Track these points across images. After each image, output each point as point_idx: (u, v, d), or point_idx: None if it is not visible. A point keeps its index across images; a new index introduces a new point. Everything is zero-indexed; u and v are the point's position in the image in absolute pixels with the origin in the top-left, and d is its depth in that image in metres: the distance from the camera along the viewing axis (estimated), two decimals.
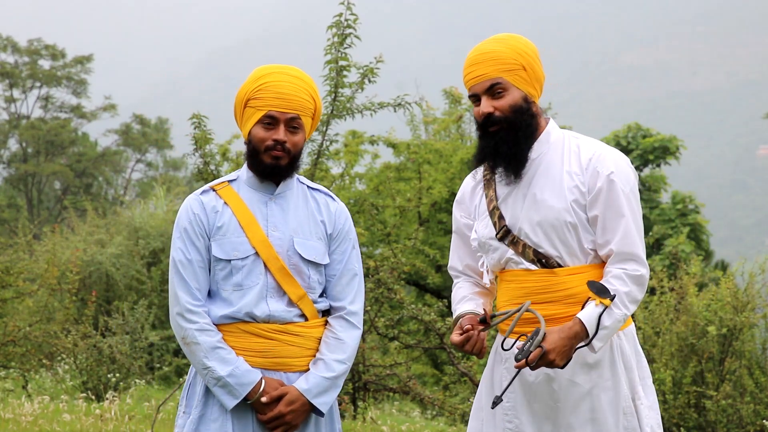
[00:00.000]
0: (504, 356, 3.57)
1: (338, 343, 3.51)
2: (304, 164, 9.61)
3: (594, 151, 3.50)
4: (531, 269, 3.48)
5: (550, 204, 3.46)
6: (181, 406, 3.53)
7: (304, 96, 3.49)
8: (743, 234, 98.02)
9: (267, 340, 3.44)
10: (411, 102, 9.09)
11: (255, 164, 3.50)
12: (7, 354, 10.71)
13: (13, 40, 43.08)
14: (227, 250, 3.45)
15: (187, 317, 3.41)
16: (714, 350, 9.19)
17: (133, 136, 44.30)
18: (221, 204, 3.50)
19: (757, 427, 9.01)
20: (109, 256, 15.68)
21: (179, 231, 3.49)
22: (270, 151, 3.47)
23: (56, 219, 36.46)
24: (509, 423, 3.51)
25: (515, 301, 3.51)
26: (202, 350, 3.39)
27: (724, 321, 9.15)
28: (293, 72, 3.53)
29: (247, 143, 3.51)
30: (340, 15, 8.63)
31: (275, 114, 3.46)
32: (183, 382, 7.35)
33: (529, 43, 3.56)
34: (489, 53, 3.50)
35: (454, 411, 9.99)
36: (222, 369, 3.37)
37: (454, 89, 17.69)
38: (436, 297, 15.39)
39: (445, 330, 9.75)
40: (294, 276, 3.47)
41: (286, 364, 3.46)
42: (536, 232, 3.47)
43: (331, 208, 3.61)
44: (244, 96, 3.51)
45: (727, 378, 9.18)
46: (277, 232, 3.49)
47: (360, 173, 16.03)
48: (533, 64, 3.52)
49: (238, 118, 3.56)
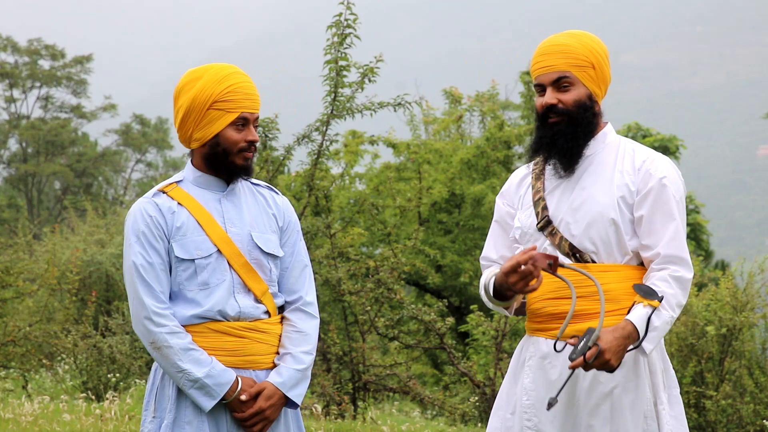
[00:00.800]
0: (530, 355, 3.55)
1: (301, 336, 3.53)
2: (304, 164, 9.61)
3: (649, 155, 3.52)
4: (565, 263, 3.48)
5: (596, 198, 3.46)
6: (148, 411, 3.48)
7: (258, 95, 3.54)
8: (743, 234, 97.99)
9: (237, 338, 3.44)
10: (411, 102, 9.09)
11: (224, 165, 3.49)
12: (7, 354, 10.71)
13: (13, 40, 43.10)
14: (189, 249, 3.44)
15: (156, 321, 3.38)
16: (714, 350, 9.19)
17: (133, 136, 44.32)
18: (175, 204, 3.48)
19: (757, 427, 9.01)
20: (109, 256, 15.67)
21: (135, 235, 3.44)
22: (243, 152, 3.48)
23: (56, 219, 36.46)
24: (528, 421, 3.50)
25: (547, 296, 3.51)
26: (175, 353, 3.36)
27: (724, 321, 9.15)
28: (243, 71, 3.55)
29: (212, 145, 3.47)
30: (339, 15, 8.63)
31: (247, 115, 3.48)
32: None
33: (601, 43, 3.56)
34: (560, 45, 3.50)
35: (454, 411, 9.98)
36: (198, 370, 3.36)
37: (454, 89, 17.70)
38: (436, 297, 15.39)
39: (446, 330, 9.75)
40: (257, 271, 3.49)
41: (255, 362, 3.47)
42: (576, 226, 3.47)
43: (278, 202, 3.64)
44: (207, 98, 3.46)
45: (726, 378, 9.18)
46: (234, 228, 3.49)
47: (360, 173, 16.05)
48: (602, 64, 3.52)
49: (193, 121, 3.48)
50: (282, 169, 9.96)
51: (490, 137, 15.74)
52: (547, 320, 3.51)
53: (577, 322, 3.43)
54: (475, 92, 17.41)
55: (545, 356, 3.50)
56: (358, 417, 9.26)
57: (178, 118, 3.52)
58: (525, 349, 3.59)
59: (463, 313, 14.66)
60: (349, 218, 13.43)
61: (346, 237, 9.82)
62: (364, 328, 9.71)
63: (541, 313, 3.53)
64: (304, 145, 9.28)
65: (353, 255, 9.61)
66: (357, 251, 10.10)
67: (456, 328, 12.75)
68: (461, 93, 17.59)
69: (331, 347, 9.55)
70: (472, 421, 10.53)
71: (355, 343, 9.62)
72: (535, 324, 3.56)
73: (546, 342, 3.50)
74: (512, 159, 16.21)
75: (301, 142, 9.20)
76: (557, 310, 3.48)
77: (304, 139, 9.18)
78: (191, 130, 3.50)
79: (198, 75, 3.50)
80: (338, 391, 9.35)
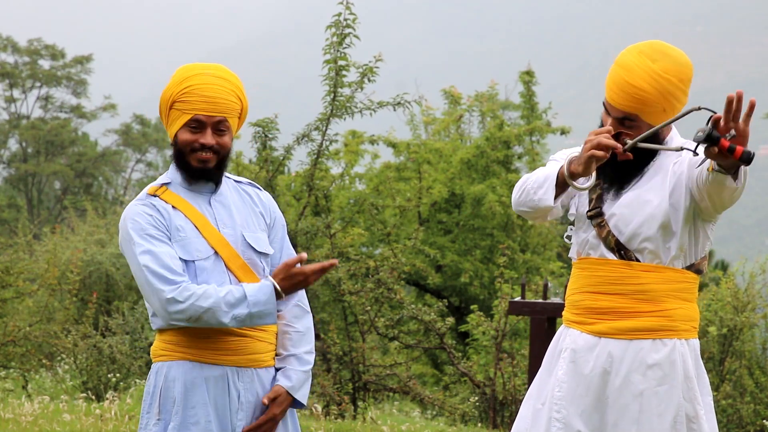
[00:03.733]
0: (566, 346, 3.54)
1: (300, 336, 3.54)
2: (304, 164, 9.60)
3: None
4: (608, 258, 3.49)
5: (649, 200, 3.46)
6: (151, 414, 3.46)
7: (230, 98, 3.46)
8: (743, 234, 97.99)
9: (241, 337, 3.44)
10: (410, 101, 9.09)
11: (182, 166, 3.48)
12: (7, 354, 10.71)
13: (13, 40, 43.08)
14: (190, 250, 3.42)
15: (178, 299, 3.32)
16: (714, 350, 9.19)
17: (133, 136, 44.29)
18: (170, 207, 3.46)
19: (757, 427, 9.00)
20: (109, 256, 15.67)
21: (137, 233, 3.39)
22: (196, 154, 3.44)
23: (56, 219, 36.46)
24: (557, 413, 3.51)
25: (586, 290, 3.52)
26: (217, 308, 3.32)
27: (725, 321, 9.15)
28: (218, 73, 3.49)
29: (173, 145, 3.48)
30: (339, 15, 8.63)
31: (201, 118, 3.43)
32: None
33: (683, 71, 3.42)
34: (636, 90, 3.40)
35: (454, 411, 9.98)
36: (242, 308, 3.32)
37: (453, 89, 17.69)
38: (436, 297, 15.39)
39: (446, 330, 9.74)
40: (253, 271, 3.48)
41: (257, 360, 3.47)
42: (626, 224, 3.48)
43: (263, 199, 3.62)
44: (169, 98, 3.45)
45: (727, 378, 9.18)
46: (227, 229, 3.48)
47: (360, 173, 16.04)
48: (675, 102, 3.43)
49: (164, 119, 3.51)
50: (282, 169, 9.96)
51: (490, 137, 15.74)
52: (584, 313, 3.52)
53: (616, 319, 3.46)
54: (474, 92, 17.40)
55: (579, 350, 3.50)
56: (358, 417, 9.26)
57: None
58: (562, 340, 3.58)
59: (463, 313, 14.65)
60: (349, 218, 13.43)
61: (346, 237, 9.82)
62: (364, 328, 9.70)
63: (579, 306, 3.54)
64: (303, 145, 9.28)
65: (353, 255, 9.61)
66: (357, 251, 10.10)
67: (456, 328, 12.74)
68: (460, 93, 17.58)
69: (331, 347, 9.55)
70: (472, 421, 10.53)
71: (355, 343, 9.62)
72: (573, 316, 3.57)
73: (581, 335, 3.51)
74: (512, 159, 16.21)
75: (301, 141, 9.20)
76: (595, 305, 3.49)
77: (303, 138, 9.18)
78: (166, 128, 3.53)
79: (174, 73, 3.50)
80: (338, 391, 9.34)
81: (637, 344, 3.44)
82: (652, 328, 3.45)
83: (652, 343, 3.44)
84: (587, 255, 3.54)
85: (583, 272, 3.54)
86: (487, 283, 15.14)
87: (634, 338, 3.44)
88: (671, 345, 3.45)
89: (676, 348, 3.46)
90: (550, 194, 3.43)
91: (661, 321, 3.45)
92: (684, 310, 3.49)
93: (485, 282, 15.17)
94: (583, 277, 3.54)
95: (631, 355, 3.43)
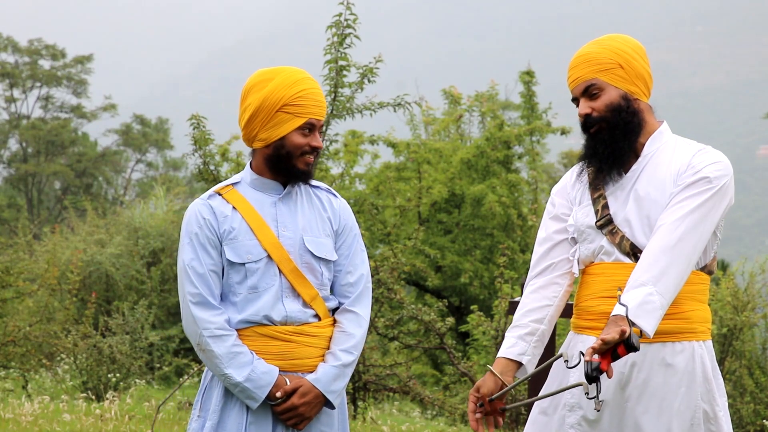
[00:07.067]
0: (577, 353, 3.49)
1: (344, 336, 3.58)
2: None
3: (699, 149, 3.49)
4: (623, 262, 3.43)
5: (653, 198, 3.42)
6: (195, 410, 3.55)
7: (325, 102, 3.61)
8: (743, 234, 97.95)
9: (284, 342, 3.48)
10: (411, 102, 9.09)
11: (286, 168, 3.52)
12: (7, 354, 10.72)
13: (13, 40, 43.09)
14: (240, 253, 3.48)
15: (199, 323, 3.44)
16: (714, 350, 9.20)
17: (133, 136, 44.29)
18: (230, 208, 3.52)
19: (757, 427, 9.01)
20: (109, 256, 15.66)
21: (189, 236, 3.50)
22: (305, 156, 3.52)
23: (56, 219, 36.46)
24: (571, 417, 3.48)
25: (600, 294, 3.46)
26: (216, 356, 3.42)
27: (725, 321, 9.16)
28: (312, 78, 3.59)
29: (276, 147, 3.51)
30: (339, 15, 8.63)
31: (314, 121, 3.52)
32: (183, 382, 7.35)
33: (630, 40, 3.52)
34: (584, 56, 3.49)
35: (454, 411, 9.98)
36: (238, 375, 3.41)
37: (453, 89, 17.68)
38: (436, 297, 15.39)
39: (445, 330, 9.74)
40: (307, 276, 3.51)
41: (302, 365, 3.50)
42: (638, 226, 3.43)
43: (334, 205, 3.66)
44: (278, 101, 3.49)
45: (727, 378, 9.18)
46: (287, 231, 3.52)
47: (360, 173, 16.03)
48: (632, 61, 3.47)
49: (260, 122, 3.52)
50: None
51: (490, 137, 15.73)
52: (599, 318, 3.44)
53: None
54: (474, 92, 17.39)
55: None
56: (358, 417, 9.26)
57: (244, 117, 3.54)
58: (572, 347, 3.52)
59: (463, 313, 14.65)
60: None
61: None
62: None
63: (594, 312, 3.47)
64: None
65: None
66: None
67: (456, 328, 12.75)
68: (460, 93, 17.57)
69: None
70: None
71: None
72: (584, 322, 3.51)
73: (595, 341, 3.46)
74: (512, 159, 16.20)
75: None
76: (611, 309, 3.37)
77: None
78: (257, 130, 3.53)
79: (269, 76, 3.53)
80: None
81: (656, 348, 3.39)
82: (672, 331, 3.39)
83: (672, 346, 3.40)
84: (600, 261, 3.49)
85: (598, 278, 3.49)
86: (487, 283, 15.14)
87: (653, 342, 3.38)
88: (690, 347, 3.42)
89: (695, 350, 3.43)
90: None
91: (680, 323, 3.41)
92: (700, 311, 3.46)
93: (485, 282, 15.16)
94: (597, 282, 3.48)
95: (650, 359, 3.37)
